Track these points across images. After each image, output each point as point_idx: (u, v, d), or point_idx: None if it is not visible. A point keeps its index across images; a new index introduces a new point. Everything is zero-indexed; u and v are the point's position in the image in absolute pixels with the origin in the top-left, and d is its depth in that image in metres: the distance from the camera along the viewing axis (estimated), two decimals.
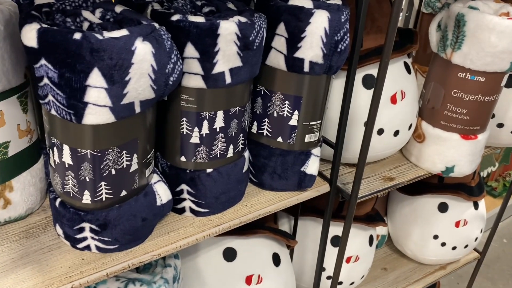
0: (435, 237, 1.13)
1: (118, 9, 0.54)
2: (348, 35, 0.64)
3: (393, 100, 0.80)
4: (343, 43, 0.63)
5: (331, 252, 0.96)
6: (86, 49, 0.45)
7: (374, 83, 0.76)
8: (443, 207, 1.12)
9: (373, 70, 0.78)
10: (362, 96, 0.78)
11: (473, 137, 0.84)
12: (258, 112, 0.70)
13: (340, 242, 0.84)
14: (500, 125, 0.92)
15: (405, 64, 0.83)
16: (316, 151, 0.72)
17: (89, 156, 0.52)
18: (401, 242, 1.19)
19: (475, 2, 0.80)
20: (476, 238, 1.17)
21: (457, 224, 1.12)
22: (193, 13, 0.61)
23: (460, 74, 0.79)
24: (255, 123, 0.71)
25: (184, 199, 0.66)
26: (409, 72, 0.83)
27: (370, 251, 1.04)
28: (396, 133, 0.82)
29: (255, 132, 0.72)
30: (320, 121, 0.71)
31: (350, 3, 0.75)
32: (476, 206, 1.14)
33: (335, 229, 0.97)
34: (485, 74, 0.78)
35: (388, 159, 0.92)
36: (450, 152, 0.85)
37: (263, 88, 0.68)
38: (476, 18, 0.74)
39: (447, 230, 1.12)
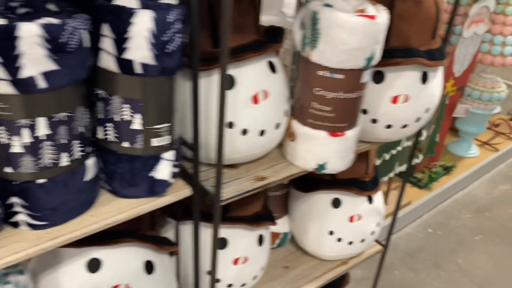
0: (331, 233, 1.13)
1: None
2: (181, 35, 0.62)
3: (255, 100, 0.79)
4: (173, 43, 0.61)
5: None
6: None
7: (232, 84, 0.75)
8: (336, 203, 1.12)
9: (232, 70, 0.77)
10: None
11: (340, 134, 0.85)
12: (100, 117, 0.67)
13: (214, 244, 0.82)
14: (374, 121, 0.93)
15: (270, 63, 0.82)
16: (168, 155, 0.70)
17: None
18: (300, 240, 1.20)
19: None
20: (373, 232, 1.18)
21: (351, 219, 1.13)
22: (4, 16, 0.58)
23: (319, 72, 0.79)
24: (100, 128, 0.68)
25: (17, 212, 0.63)
26: (274, 71, 0.82)
27: (260, 251, 1.03)
28: (262, 133, 0.81)
29: (102, 137, 0.69)
30: (169, 124, 0.69)
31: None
32: (370, 200, 1.16)
33: (221, 231, 0.95)
34: (343, 72, 0.78)
35: (266, 158, 0.92)
36: (320, 149, 0.85)
37: (102, 91, 0.65)
38: (327, 16, 0.74)
39: (341, 226, 1.13)
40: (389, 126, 0.94)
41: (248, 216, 1.00)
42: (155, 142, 0.68)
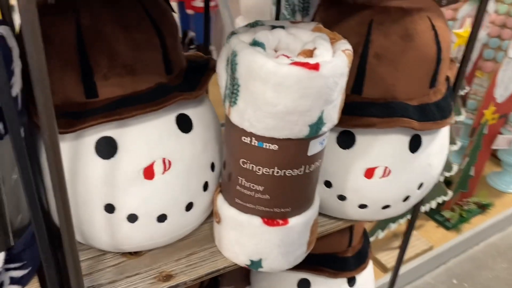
0: None
1: None
2: None
3: (148, 173, 0.54)
4: None
5: None
6: None
7: (114, 151, 0.52)
8: (303, 285, 0.86)
9: (113, 131, 0.53)
10: (96, 170, 0.53)
11: (281, 222, 0.59)
12: None
13: None
14: (342, 198, 0.66)
15: (182, 118, 0.57)
16: None
17: None
18: None
19: (273, 32, 0.54)
20: None
21: None
22: None
23: (244, 139, 0.53)
24: None
25: None
26: (186, 129, 0.58)
27: None
28: (162, 218, 0.57)
29: None
30: None
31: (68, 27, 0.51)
32: (351, 282, 0.89)
33: None
34: (277, 141, 0.52)
35: (188, 239, 0.67)
36: (253, 241, 0.60)
37: None
38: (246, 61, 0.48)
39: None
40: (363, 206, 0.67)
41: None
42: None
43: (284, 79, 0.46)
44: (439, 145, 0.67)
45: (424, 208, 1.83)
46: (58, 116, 0.51)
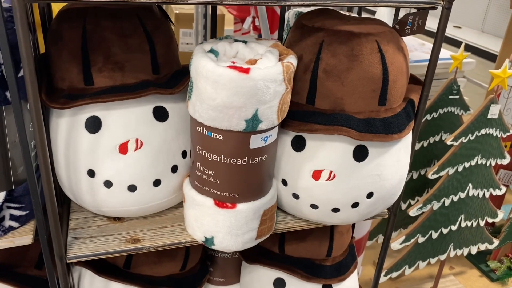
0: None
1: None
2: None
3: (123, 149, 0.68)
4: None
5: None
6: None
7: (98, 127, 0.67)
8: (279, 284, 0.94)
9: (100, 112, 0.67)
10: (84, 141, 0.68)
11: (229, 205, 0.69)
12: None
13: None
14: (296, 196, 0.74)
15: (159, 109, 0.70)
16: None
17: None
18: None
19: (232, 44, 0.66)
20: None
21: None
22: None
23: (198, 128, 0.65)
24: None
25: None
26: (162, 119, 0.71)
27: None
28: (132, 188, 0.70)
29: None
30: None
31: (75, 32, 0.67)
32: None
33: None
34: (221, 132, 0.63)
35: (166, 216, 0.80)
36: (206, 220, 0.70)
37: None
38: (195, 62, 0.61)
39: None
40: (314, 206, 0.74)
41: (158, 277, 0.88)
42: None
43: (219, 78, 0.58)
44: (393, 159, 0.72)
45: (460, 252, 1.76)
46: (61, 97, 0.67)
